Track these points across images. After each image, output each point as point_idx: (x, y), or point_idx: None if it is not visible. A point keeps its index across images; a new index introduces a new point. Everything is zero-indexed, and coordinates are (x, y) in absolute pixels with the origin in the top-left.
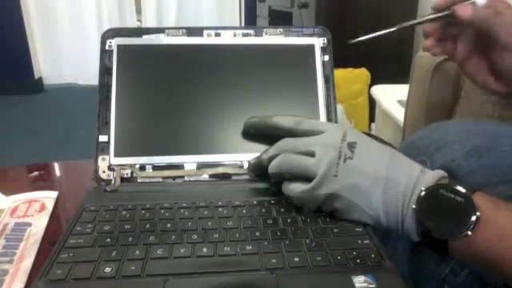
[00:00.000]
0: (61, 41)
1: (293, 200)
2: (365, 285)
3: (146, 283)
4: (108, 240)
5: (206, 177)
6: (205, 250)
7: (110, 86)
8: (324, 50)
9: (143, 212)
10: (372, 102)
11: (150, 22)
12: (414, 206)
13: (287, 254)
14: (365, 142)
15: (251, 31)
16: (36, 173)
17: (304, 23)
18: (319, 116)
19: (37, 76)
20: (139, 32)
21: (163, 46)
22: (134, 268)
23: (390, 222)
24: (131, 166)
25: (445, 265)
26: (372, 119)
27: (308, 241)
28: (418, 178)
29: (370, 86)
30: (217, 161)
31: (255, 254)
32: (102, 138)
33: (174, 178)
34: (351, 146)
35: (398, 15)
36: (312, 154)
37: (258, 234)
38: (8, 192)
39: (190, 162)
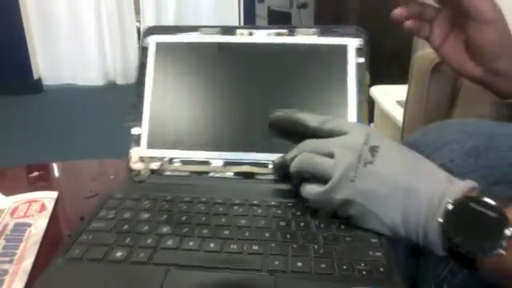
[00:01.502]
0: (60, 41)
1: (309, 202)
2: None
3: (150, 270)
4: (126, 227)
5: (230, 174)
6: (212, 245)
7: (146, 81)
8: (359, 52)
9: (163, 203)
10: (371, 103)
11: (148, 22)
12: (440, 220)
13: (292, 257)
14: (388, 147)
15: (284, 30)
16: (36, 173)
17: (303, 23)
18: (347, 120)
19: (36, 76)
20: (176, 30)
21: (197, 44)
22: (142, 255)
23: (410, 234)
24: (161, 158)
25: (443, 265)
26: (371, 119)
27: (316, 247)
28: (444, 189)
29: (369, 86)
30: (243, 159)
31: (260, 254)
32: (136, 131)
33: (200, 173)
34: (373, 149)
35: None
36: (332, 156)
37: (267, 234)
38: (8, 192)
39: (216, 158)
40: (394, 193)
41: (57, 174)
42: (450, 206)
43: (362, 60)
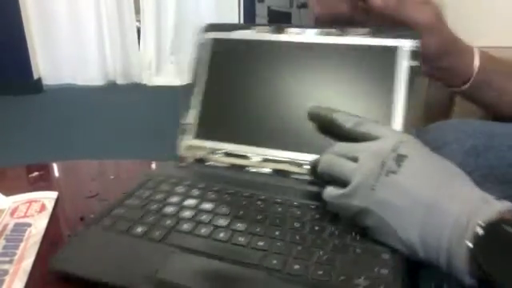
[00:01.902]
0: (60, 41)
1: (328, 206)
2: None
3: (158, 248)
4: (154, 207)
5: (267, 170)
6: (222, 235)
7: (200, 74)
8: (412, 54)
9: (194, 190)
10: None
11: (148, 22)
12: (469, 244)
13: (293, 259)
14: (418, 157)
15: (334, 30)
16: (36, 173)
17: (303, 23)
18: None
19: (36, 76)
20: (231, 27)
21: (249, 42)
22: (158, 234)
23: (429, 255)
24: (206, 148)
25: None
26: None
27: (322, 252)
28: (475, 210)
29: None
30: (281, 157)
31: (263, 250)
32: (186, 121)
33: (239, 166)
34: (400, 158)
35: None
36: (356, 160)
37: (277, 233)
38: (8, 192)
39: (256, 154)
40: (414, 208)
41: (57, 174)
42: (481, 229)
43: (415, 63)
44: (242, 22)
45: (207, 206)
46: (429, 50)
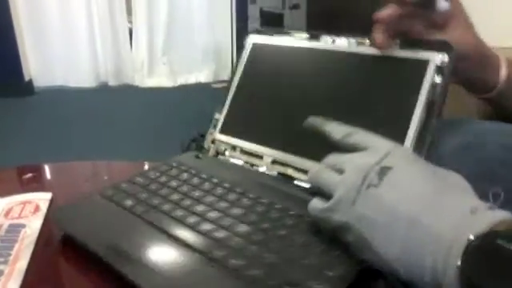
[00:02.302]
0: (51, 42)
1: (312, 218)
2: None
3: (135, 222)
4: (153, 187)
5: (274, 173)
6: (192, 220)
7: (237, 75)
8: (439, 70)
9: (199, 180)
10: None
11: (140, 23)
12: (458, 263)
13: (241, 256)
14: (403, 169)
15: (366, 40)
16: (30, 174)
17: (295, 24)
18: (405, 145)
19: (27, 78)
20: (273, 32)
21: (285, 47)
22: (140, 209)
23: (412, 275)
24: (227, 144)
25: None
26: None
27: (270, 256)
28: (462, 222)
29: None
30: (289, 161)
31: (218, 241)
32: (216, 116)
33: (251, 164)
34: (383, 171)
35: None
36: (342, 172)
37: (243, 229)
38: (1, 194)
39: (268, 155)
40: (395, 223)
41: (51, 175)
42: (470, 245)
43: (438, 80)
44: (234, 22)
45: (198, 194)
46: (463, 66)
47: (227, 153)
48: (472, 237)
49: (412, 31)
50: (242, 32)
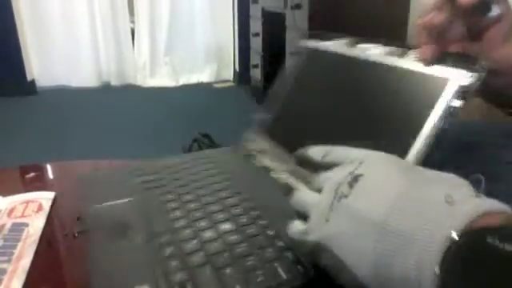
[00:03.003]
0: (53, 42)
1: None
2: None
3: (131, 194)
4: (168, 170)
5: (284, 177)
6: (178, 213)
7: (287, 77)
8: (458, 93)
9: (209, 171)
10: None
11: (142, 23)
12: (436, 270)
13: (203, 255)
14: (374, 174)
15: (398, 51)
16: (32, 174)
17: (297, 24)
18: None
19: (29, 78)
20: (324, 37)
21: (328, 54)
22: (140, 187)
23: None
24: (259, 145)
25: None
26: None
27: (227, 257)
28: (440, 214)
29: None
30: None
31: (192, 239)
32: (260, 116)
33: (269, 170)
34: (354, 179)
35: (390, 16)
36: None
37: (214, 232)
38: (5, 193)
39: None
40: (365, 234)
41: (53, 174)
42: (453, 245)
43: (456, 104)
44: (236, 22)
45: (195, 184)
46: (499, 82)
47: (255, 154)
48: (453, 235)
49: (451, 41)
50: (243, 32)
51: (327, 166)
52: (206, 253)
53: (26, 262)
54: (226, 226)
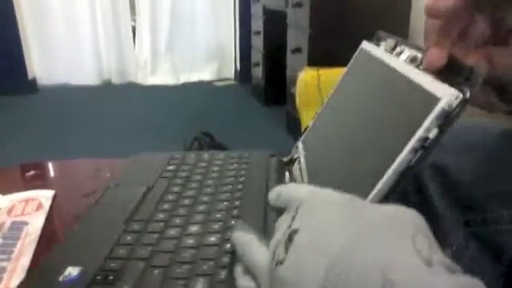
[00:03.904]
0: (55, 41)
1: None
2: None
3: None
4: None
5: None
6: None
7: (341, 81)
8: (443, 115)
9: (240, 172)
10: None
11: (144, 21)
12: None
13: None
14: (309, 230)
15: (420, 57)
16: (32, 172)
17: (298, 22)
18: (371, 188)
19: (30, 76)
20: (378, 40)
21: (371, 57)
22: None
23: None
24: (295, 153)
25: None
26: None
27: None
28: None
29: None
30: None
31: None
32: (308, 123)
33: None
34: (289, 239)
35: (392, 14)
36: None
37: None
38: (4, 191)
39: (305, 174)
40: None
41: (53, 172)
42: None
43: (432, 134)
44: (237, 21)
45: (207, 182)
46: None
47: (290, 161)
48: None
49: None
50: (244, 30)
51: (281, 211)
52: (154, 249)
53: (25, 261)
54: (193, 229)
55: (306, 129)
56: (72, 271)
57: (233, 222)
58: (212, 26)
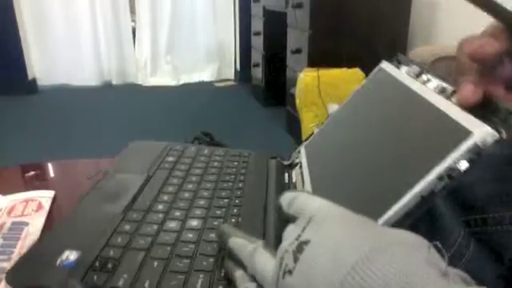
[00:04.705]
0: (55, 41)
1: None
2: None
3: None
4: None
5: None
6: (170, 188)
7: (352, 98)
8: (472, 151)
9: (238, 176)
10: None
11: (144, 22)
12: None
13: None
14: (322, 242)
15: (449, 89)
16: (32, 172)
17: (298, 23)
18: (384, 209)
19: (30, 77)
20: (399, 62)
21: (392, 79)
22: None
23: None
24: (299, 159)
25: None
26: None
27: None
28: None
29: None
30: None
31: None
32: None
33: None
34: (299, 249)
35: (392, 14)
36: None
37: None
38: (5, 192)
39: (307, 181)
40: None
41: (53, 173)
42: None
43: (463, 165)
44: (238, 21)
45: (208, 177)
46: None
47: (296, 167)
48: None
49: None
50: (244, 31)
51: (292, 219)
52: (153, 241)
53: None
54: (194, 223)
55: (311, 134)
56: (69, 255)
57: (233, 220)
58: (212, 26)
